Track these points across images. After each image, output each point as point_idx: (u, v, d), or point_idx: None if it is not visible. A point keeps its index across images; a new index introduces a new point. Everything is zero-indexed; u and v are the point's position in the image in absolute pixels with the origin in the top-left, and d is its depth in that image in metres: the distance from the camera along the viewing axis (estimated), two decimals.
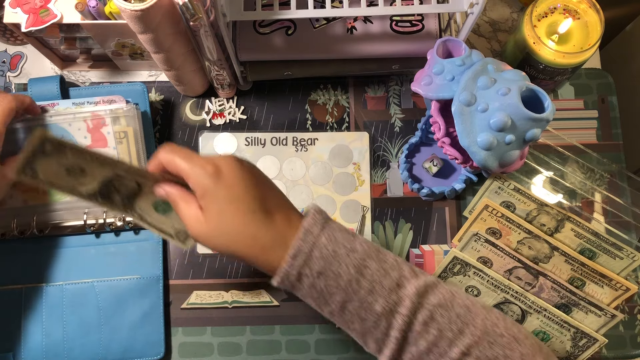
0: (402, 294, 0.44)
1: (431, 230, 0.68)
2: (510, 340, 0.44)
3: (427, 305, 0.44)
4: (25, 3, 0.59)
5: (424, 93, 0.59)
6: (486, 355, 0.43)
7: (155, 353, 0.63)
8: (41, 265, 0.64)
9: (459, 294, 0.46)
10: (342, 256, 0.44)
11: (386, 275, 0.44)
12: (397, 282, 0.44)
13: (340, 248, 0.44)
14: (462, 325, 0.44)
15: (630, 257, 0.64)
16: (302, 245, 0.44)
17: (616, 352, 0.65)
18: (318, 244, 0.44)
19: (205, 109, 0.71)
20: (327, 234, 0.45)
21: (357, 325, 0.45)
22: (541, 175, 0.68)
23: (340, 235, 0.45)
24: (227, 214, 0.45)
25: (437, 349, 0.43)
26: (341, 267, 0.44)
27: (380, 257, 0.46)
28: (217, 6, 0.54)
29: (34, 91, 0.66)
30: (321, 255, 0.44)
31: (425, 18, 0.66)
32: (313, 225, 0.45)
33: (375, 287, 0.44)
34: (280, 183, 0.69)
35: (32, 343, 0.62)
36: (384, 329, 0.44)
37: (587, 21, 0.63)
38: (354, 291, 0.44)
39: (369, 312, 0.44)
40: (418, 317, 0.44)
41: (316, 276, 0.44)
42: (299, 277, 0.44)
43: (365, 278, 0.44)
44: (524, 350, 0.44)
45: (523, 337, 0.45)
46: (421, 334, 0.43)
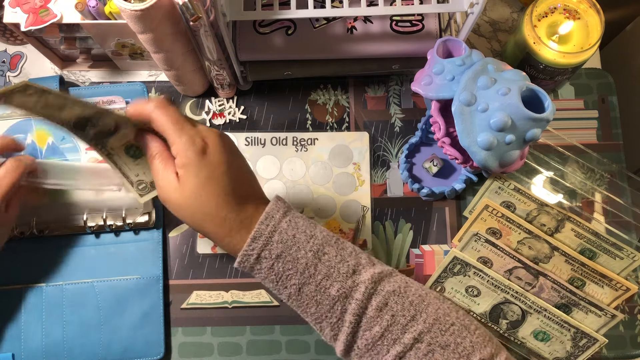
0: (357, 279, 0.45)
1: (431, 230, 0.68)
2: (461, 329, 0.45)
3: (382, 292, 0.45)
4: (25, 3, 0.59)
5: (424, 93, 0.59)
6: (437, 342, 0.44)
7: (155, 353, 0.63)
8: (41, 265, 0.64)
9: (414, 284, 0.47)
10: (301, 241, 0.46)
11: (343, 262, 0.46)
12: (353, 269, 0.46)
13: (300, 234, 0.46)
14: (414, 312, 0.45)
15: (631, 257, 0.64)
16: (263, 229, 0.46)
17: (616, 352, 0.65)
18: (278, 228, 0.46)
19: (205, 109, 0.71)
20: (288, 220, 0.47)
21: (313, 310, 0.46)
22: (541, 175, 0.68)
23: (302, 222, 0.47)
24: (203, 193, 0.46)
25: (390, 335, 0.44)
26: (300, 251, 0.46)
27: (339, 245, 0.47)
28: (217, 6, 0.54)
29: None
30: (281, 239, 0.46)
31: (425, 18, 0.66)
32: (275, 210, 0.47)
33: (332, 272, 0.45)
34: (280, 183, 0.69)
35: (32, 343, 0.62)
36: (339, 313, 0.45)
37: (587, 21, 0.63)
38: (310, 275, 0.46)
39: (325, 296, 0.45)
40: (372, 303, 0.45)
41: (275, 259, 0.46)
42: (258, 259, 0.46)
43: (323, 263, 0.46)
44: (474, 339, 0.45)
45: (474, 327, 0.46)
46: (375, 319, 0.45)
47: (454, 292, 0.65)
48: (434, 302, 0.47)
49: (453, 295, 0.65)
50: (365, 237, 0.68)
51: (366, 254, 0.49)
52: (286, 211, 0.48)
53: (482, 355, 0.44)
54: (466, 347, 0.44)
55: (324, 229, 0.48)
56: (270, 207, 0.47)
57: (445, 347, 0.44)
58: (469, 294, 0.64)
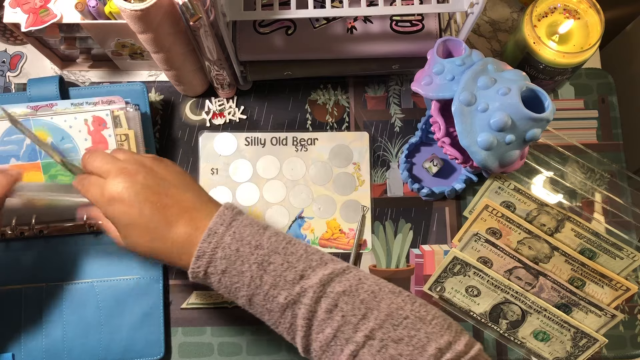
0: (305, 284, 0.46)
1: (431, 230, 0.68)
2: (415, 321, 0.45)
3: (331, 294, 0.45)
4: (25, 3, 0.59)
5: (424, 93, 0.59)
6: (390, 337, 0.44)
7: (155, 353, 0.63)
8: (41, 265, 0.64)
9: (368, 280, 0.47)
10: (245, 254, 0.47)
11: (290, 269, 0.46)
12: (301, 274, 0.46)
13: (244, 246, 0.47)
14: (365, 310, 0.45)
15: (631, 257, 0.64)
16: (206, 247, 0.47)
17: (616, 352, 0.65)
18: (221, 244, 0.47)
19: (205, 109, 0.71)
20: (232, 233, 0.47)
21: (267, 317, 0.48)
22: (541, 175, 0.68)
23: (248, 231, 0.48)
24: (132, 235, 0.49)
25: (342, 335, 0.45)
26: (244, 265, 0.46)
27: (289, 250, 0.47)
28: (217, 6, 0.54)
29: (33, 91, 0.66)
30: (224, 255, 0.47)
31: (425, 18, 0.66)
32: (218, 225, 0.48)
33: (278, 281, 0.46)
34: (280, 183, 0.69)
35: (32, 343, 0.62)
36: (290, 318, 0.46)
37: (587, 21, 0.63)
38: (257, 286, 0.46)
39: (275, 305, 0.46)
40: (321, 306, 0.45)
41: (221, 274, 0.47)
42: (206, 276, 0.47)
43: (269, 273, 0.46)
44: (429, 330, 0.45)
45: (431, 317, 0.46)
46: (325, 321, 0.45)
47: (454, 292, 0.65)
48: (388, 297, 0.46)
49: (453, 295, 0.65)
50: (365, 237, 0.68)
51: (320, 254, 0.48)
52: (231, 222, 0.48)
53: (438, 344, 0.44)
54: (421, 338, 0.44)
55: (274, 233, 0.48)
56: (213, 221, 0.48)
57: (399, 341, 0.44)
58: (469, 294, 0.64)
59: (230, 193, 0.69)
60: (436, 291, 0.65)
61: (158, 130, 0.70)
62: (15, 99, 0.67)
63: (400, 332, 0.44)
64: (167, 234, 0.48)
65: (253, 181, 0.69)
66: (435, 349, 0.44)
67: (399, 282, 0.66)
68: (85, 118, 0.64)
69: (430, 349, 0.44)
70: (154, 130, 0.70)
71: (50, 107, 0.65)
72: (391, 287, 0.47)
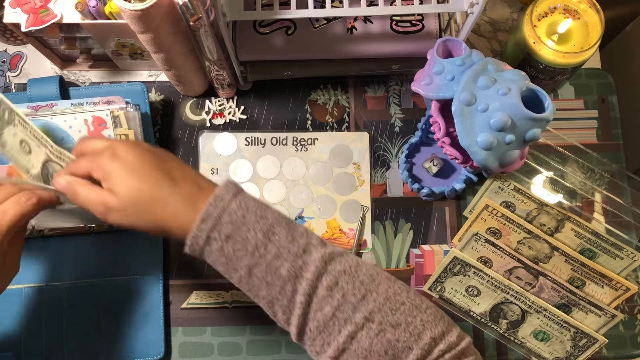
0: (308, 259, 0.45)
1: (431, 230, 0.68)
2: (411, 308, 0.45)
3: (332, 271, 0.45)
4: (25, 3, 0.59)
5: (424, 93, 0.59)
6: (388, 321, 0.44)
7: (156, 353, 0.63)
8: (41, 265, 0.64)
9: (365, 265, 0.47)
10: (251, 222, 0.46)
11: (294, 242, 0.46)
12: (304, 249, 0.46)
13: (250, 214, 0.46)
14: (365, 291, 0.45)
15: (631, 257, 0.64)
16: (212, 210, 0.45)
17: (616, 352, 0.65)
18: (228, 209, 0.46)
19: (205, 109, 0.71)
20: (238, 201, 0.46)
21: (264, 293, 0.46)
22: (541, 175, 0.68)
23: (253, 203, 0.47)
24: (133, 184, 0.47)
25: (341, 314, 0.44)
26: (249, 232, 0.45)
27: (291, 225, 0.47)
28: (217, 6, 0.54)
29: (33, 91, 0.66)
30: (230, 219, 0.45)
31: (425, 18, 0.66)
32: (225, 192, 0.47)
33: (282, 252, 0.45)
34: (280, 183, 0.69)
35: (32, 343, 0.62)
36: (290, 294, 0.45)
37: (587, 21, 0.63)
38: (260, 255, 0.45)
39: (275, 277, 0.45)
40: (323, 282, 0.45)
41: (224, 240, 0.45)
42: (207, 241, 0.46)
43: (273, 243, 0.45)
44: (425, 318, 0.45)
45: (425, 306, 0.46)
46: (325, 299, 0.44)
47: (454, 292, 0.65)
48: (385, 281, 0.46)
49: (453, 295, 0.65)
50: (365, 237, 0.68)
51: (318, 236, 0.48)
52: (236, 193, 0.47)
53: (433, 333, 0.44)
54: (417, 325, 0.44)
55: (275, 210, 0.48)
56: (219, 189, 0.47)
57: (397, 326, 0.44)
58: (469, 294, 0.64)
59: None
60: (436, 291, 0.65)
61: (158, 130, 0.70)
62: (16, 99, 0.67)
63: (398, 317, 0.44)
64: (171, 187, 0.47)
65: (253, 181, 0.69)
66: (430, 338, 0.44)
67: None
68: (85, 118, 0.64)
69: (426, 337, 0.44)
70: (154, 130, 0.70)
71: (51, 107, 0.65)
72: (387, 274, 0.48)
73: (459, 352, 0.44)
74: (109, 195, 0.47)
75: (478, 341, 0.65)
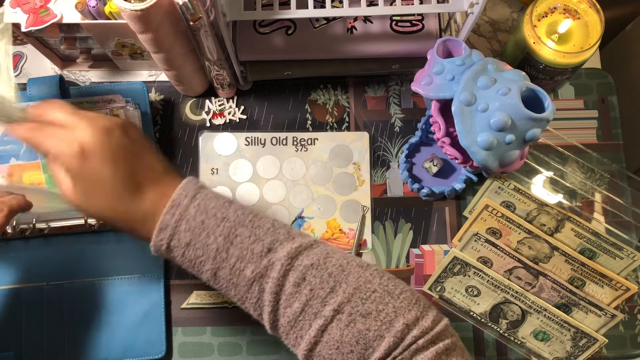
0: (273, 257, 0.45)
1: (431, 230, 0.68)
2: (383, 295, 0.44)
3: (299, 267, 0.45)
4: (25, 3, 0.59)
5: (424, 93, 0.59)
6: (358, 311, 0.44)
7: (156, 352, 0.63)
8: (41, 265, 0.64)
9: (335, 255, 0.47)
10: (210, 226, 0.45)
11: (257, 242, 0.45)
12: (268, 247, 0.45)
13: (209, 218, 0.45)
14: (334, 283, 0.44)
15: (631, 257, 0.64)
16: (169, 219, 0.45)
17: (616, 352, 0.65)
18: (185, 215, 0.45)
19: (205, 109, 0.71)
20: (196, 205, 0.45)
21: (233, 292, 0.46)
22: (541, 175, 0.68)
23: (213, 204, 0.46)
24: (95, 195, 0.46)
25: (310, 309, 0.44)
26: (209, 237, 0.45)
27: (255, 223, 0.46)
28: (217, 6, 0.54)
29: (33, 91, 0.66)
30: (188, 227, 0.45)
31: (425, 18, 0.66)
32: (182, 196, 0.46)
33: (245, 254, 0.45)
34: (280, 183, 0.69)
35: (33, 342, 0.62)
36: (257, 293, 0.45)
37: (587, 21, 0.63)
38: (223, 259, 0.45)
39: (241, 278, 0.45)
40: (289, 279, 0.44)
41: (185, 247, 0.45)
42: (169, 249, 0.46)
43: (235, 246, 0.45)
44: (397, 304, 0.44)
45: (399, 292, 0.45)
46: (293, 295, 0.44)
47: (454, 292, 0.65)
48: (355, 270, 0.46)
49: (453, 295, 0.65)
50: (365, 237, 0.68)
51: (288, 228, 0.47)
52: (195, 194, 0.46)
53: (406, 320, 0.43)
54: (389, 313, 0.44)
55: (240, 206, 0.47)
56: (177, 192, 0.46)
57: (367, 315, 0.44)
58: (469, 294, 0.64)
59: (230, 193, 0.69)
60: (436, 291, 0.65)
61: (158, 130, 0.70)
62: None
63: (368, 306, 0.44)
64: (133, 199, 0.46)
65: (253, 181, 0.69)
66: (402, 324, 0.43)
67: None
68: None
69: (398, 324, 0.43)
70: (154, 130, 0.70)
71: None
72: (359, 261, 0.47)
73: (434, 337, 0.43)
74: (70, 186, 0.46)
75: (478, 341, 0.65)
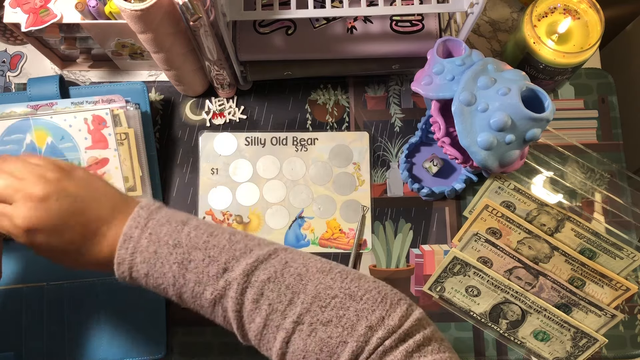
0: (229, 277, 0.45)
1: (431, 230, 0.68)
2: (344, 300, 0.44)
3: (256, 283, 0.45)
4: (25, 3, 0.59)
5: (424, 93, 0.59)
6: (318, 320, 0.44)
7: (156, 352, 0.63)
8: (41, 265, 0.64)
9: (295, 262, 0.46)
10: (164, 255, 0.45)
11: (212, 263, 0.45)
12: (224, 267, 0.45)
13: (162, 247, 0.46)
14: (292, 295, 0.44)
15: (631, 257, 0.64)
16: (124, 254, 0.46)
17: (616, 352, 0.65)
18: (139, 247, 0.46)
19: (205, 109, 0.71)
20: (147, 235, 0.46)
21: (201, 312, 0.47)
22: (541, 175, 0.68)
23: (165, 229, 0.46)
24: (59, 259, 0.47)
25: (272, 323, 0.44)
26: (164, 266, 0.45)
27: (210, 243, 0.46)
28: (217, 6, 0.54)
29: (33, 91, 0.66)
30: (143, 259, 0.46)
31: (425, 18, 0.66)
32: (133, 228, 0.46)
33: (202, 278, 0.45)
34: (280, 183, 0.69)
35: (33, 342, 0.62)
36: (221, 312, 0.46)
37: (587, 21, 0.63)
38: (181, 285, 0.46)
39: (203, 300, 0.46)
40: (247, 296, 0.45)
41: (144, 277, 0.46)
42: (132, 280, 0.47)
43: (190, 271, 0.45)
44: (360, 307, 0.44)
45: (362, 292, 0.45)
46: (254, 311, 0.45)
47: (454, 292, 0.65)
48: (315, 277, 0.45)
49: (453, 295, 0.65)
50: (365, 237, 0.68)
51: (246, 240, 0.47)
52: (147, 223, 0.46)
53: (369, 322, 0.43)
54: (350, 317, 0.43)
55: (194, 227, 0.47)
56: (127, 225, 0.46)
57: (327, 323, 0.43)
58: (469, 294, 0.64)
59: (230, 193, 0.69)
60: (436, 291, 0.65)
61: (158, 130, 0.70)
62: (16, 98, 0.67)
63: (328, 313, 0.44)
64: (92, 250, 0.46)
65: (253, 181, 0.69)
66: (365, 327, 0.43)
67: (399, 282, 0.66)
68: (85, 117, 0.64)
69: (360, 328, 0.43)
70: (154, 130, 0.70)
71: (51, 106, 0.65)
72: (320, 266, 0.46)
73: (402, 334, 0.43)
74: None
75: (478, 341, 0.65)
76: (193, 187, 0.69)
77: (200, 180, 0.69)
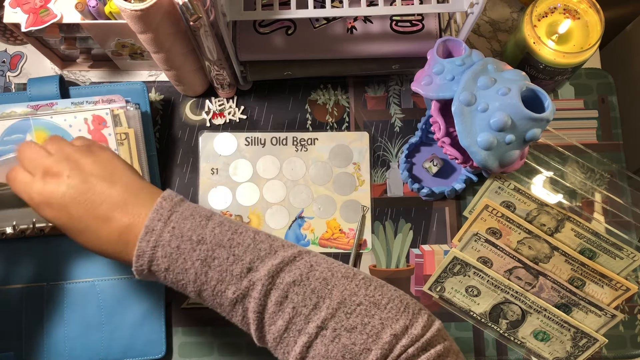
0: (253, 277, 0.44)
1: (431, 230, 0.68)
2: (369, 307, 0.44)
3: (280, 285, 0.44)
4: (25, 3, 0.59)
5: (424, 93, 0.59)
6: (343, 326, 0.43)
7: (156, 352, 0.63)
8: (42, 265, 0.64)
9: (320, 266, 0.46)
10: (187, 251, 0.45)
11: (237, 262, 0.45)
12: (248, 267, 0.45)
13: (185, 242, 0.45)
14: (317, 299, 0.44)
15: (630, 257, 0.64)
16: (144, 246, 0.45)
17: (616, 352, 0.65)
18: (161, 241, 0.45)
19: (205, 109, 0.71)
20: (170, 229, 0.45)
21: (219, 310, 0.46)
22: (541, 175, 0.68)
23: (189, 224, 0.46)
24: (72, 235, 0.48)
25: (294, 326, 0.44)
26: (186, 262, 0.45)
27: (235, 241, 0.46)
28: (217, 6, 0.54)
29: (33, 91, 0.66)
30: (164, 254, 0.45)
31: (425, 18, 0.66)
32: (156, 220, 0.45)
33: (225, 276, 0.45)
34: (280, 183, 0.69)
35: (33, 342, 0.62)
36: (242, 312, 0.45)
37: (587, 21, 0.63)
38: (203, 283, 0.45)
39: (224, 299, 0.45)
40: (271, 298, 0.44)
41: (164, 271, 0.45)
42: (150, 273, 0.46)
43: (214, 269, 0.45)
44: (384, 315, 0.44)
45: (386, 301, 0.44)
46: (277, 314, 0.44)
47: (454, 292, 0.65)
48: (341, 282, 0.45)
49: (453, 295, 0.65)
50: (365, 237, 0.68)
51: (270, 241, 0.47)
52: (170, 215, 0.46)
53: (393, 330, 0.43)
54: (375, 325, 0.43)
55: (219, 223, 0.46)
56: (150, 217, 0.45)
57: (352, 329, 0.43)
58: (469, 294, 0.64)
59: (230, 193, 0.69)
60: (436, 291, 0.65)
61: (158, 130, 0.70)
62: (16, 98, 0.67)
63: (353, 320, 0.43)
64: (100, 232, 0.46)
65: (253, 181, 0.69)
66: (390, 336, 0.43)
67: (399, 282, 0.66)
68: (85, 117, 0.64)
69: (385, 336, 0.43)
70: (154, 130, 0.70)
71: (51, 106, 0.65)
72: (344, 272, 0.46)
73: (425, 343, 0.43)
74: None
75: (478, 341, 0.65)
76: (193, 187, 0.69)
77: (200, 180, 0.69)
